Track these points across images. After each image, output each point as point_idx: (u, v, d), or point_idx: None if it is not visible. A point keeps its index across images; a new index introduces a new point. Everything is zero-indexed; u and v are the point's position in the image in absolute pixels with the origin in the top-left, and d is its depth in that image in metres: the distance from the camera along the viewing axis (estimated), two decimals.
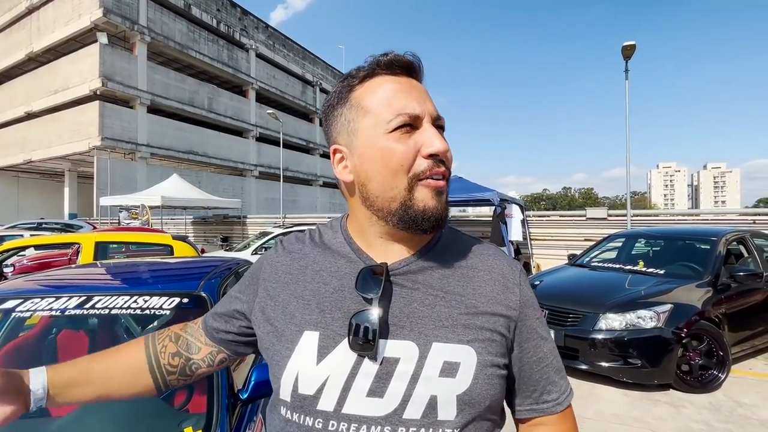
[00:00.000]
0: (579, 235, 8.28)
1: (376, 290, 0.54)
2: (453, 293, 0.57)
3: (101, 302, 1.61)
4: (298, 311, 0.58)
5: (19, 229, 10.62)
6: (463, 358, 0.53)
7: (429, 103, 0.57)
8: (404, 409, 0.51)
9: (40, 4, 20.49)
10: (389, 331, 0.54)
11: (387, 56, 0.57)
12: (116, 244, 4.29)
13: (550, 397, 0.60)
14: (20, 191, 24.17)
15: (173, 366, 0.69)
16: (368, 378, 0.52)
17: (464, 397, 0.52)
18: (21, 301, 1.60)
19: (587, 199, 77.48)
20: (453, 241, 0.64)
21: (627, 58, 8.12)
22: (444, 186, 0.56)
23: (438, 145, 0.54)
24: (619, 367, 3.22)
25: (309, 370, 0.53)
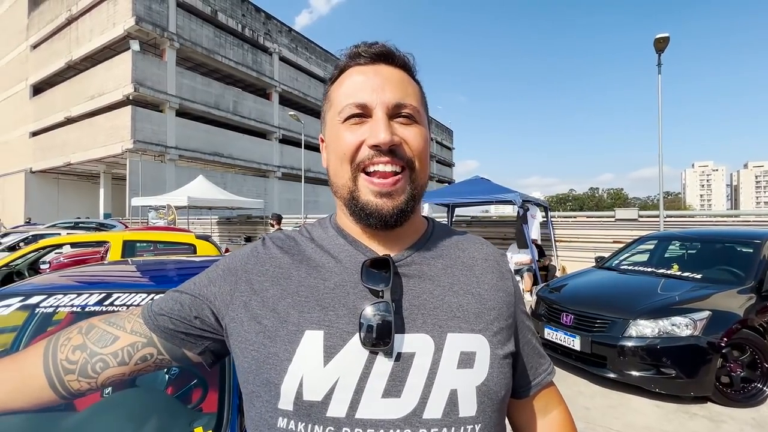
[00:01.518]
0: (607, 237, 7.94)
1: (385, 282, 0.51)
2: (459, 283, 0.57)
3: (120, 299, 1.63)
4: (294, 309, 0.52)
5: (58, 228, 11.19)
6: (477, 347, 0.52)
7: (389, 91, 0.54)
8: (424, 408, 0.48)
9: (79, 14, 21.58)
10: (402, 325, 0.51)
11: (357, 48, 0.57)
12: (142, 243, 4.44)
13: (542, 368, 0.64)
14: (60, 192, 25.52)
15: (72, 363, 0.55)
16: (383, 377, 0.48)
17: (483, 388, 0.51)
18: (45, 297, 1.64)
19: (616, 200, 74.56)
20: (447, 233, 0.65)
21: (660, 51, 7.74)
22: (391, 185, 0.53)
23: (380, 136, 0.51)
24: (651, 376, 3.03)
25: (315, 374, 0.48)
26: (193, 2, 21.26)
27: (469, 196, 7.76)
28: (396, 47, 0.58)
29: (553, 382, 0.67)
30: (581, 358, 3.40)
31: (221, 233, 15.31)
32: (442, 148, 52.22)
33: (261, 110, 25.72)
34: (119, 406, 1.48)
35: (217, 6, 22.67)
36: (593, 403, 3.11)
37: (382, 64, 0.56)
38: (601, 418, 2.88)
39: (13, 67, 26.34)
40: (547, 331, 3.70)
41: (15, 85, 26.09)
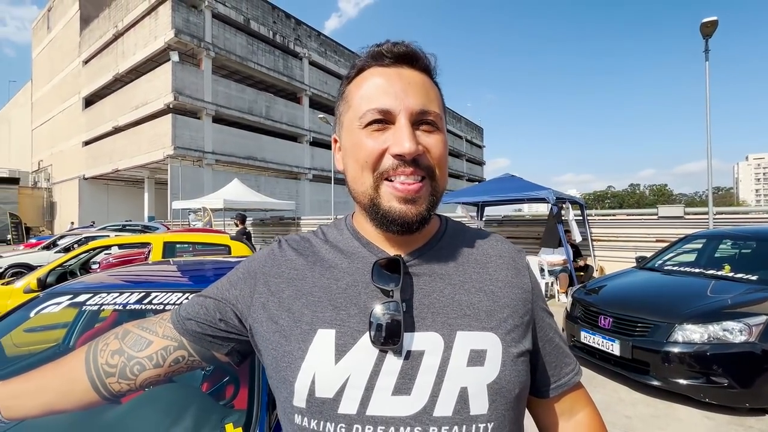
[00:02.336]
0: (649, 236, 7.50)
1: (395, 282, 0.52)
2: (471, 280, 0.56)
3: (157, 298, 1.71)
4: (308, 309, 0.54)
5: (107, 231, 11.98)
6: (488, 345, 0.51)
7: (413, 97, 0.52)
8: (434, 405, 0.48)
9: (124, 30, 23.02)
10: (413, 324, 0.51)
11: (379, 46, 0.54)
12: (181, 244, 4.66)
13: (568, 368, 0.61)
14: (109, 197, 27.33)
15: (112, 366, 0.60)
16: (393, 375, 0.48)
17: (494, 386, 0.50)
18: (91, 296, 1.76)
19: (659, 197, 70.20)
20: (460, 231, 0.64)
21: (707, 36, 7.22)
22: (415, 191, 0.51)
23: (405, 145, 0.49)
24: (701, 385, 2.83)
25: (327, 371, 0.49)
26: (227, 12, 22.13)
27: (499, 194, 7.57)
28: (421, 48, 0.55)
29: (581, 383, 0.64)
30: (621, 364, 3.22)
31: (255, 234, 15.82)
32: (472, 146, 51.38)
33: (292, 114, 26.36)
34: (157, 400, 1.55)
35: (250, 15, 23.46)
36: (635, 411, 2.94)
37: (405, 66, 0.54)
38: (643, 428, 2.72)
39: (67, 81, 28.49)
40: (583, 334, 3.54)
41: (69, 98, 28.19)
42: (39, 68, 32.91)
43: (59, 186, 28.86)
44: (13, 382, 0.61)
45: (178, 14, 20.07)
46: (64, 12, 28.71)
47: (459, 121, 47.73)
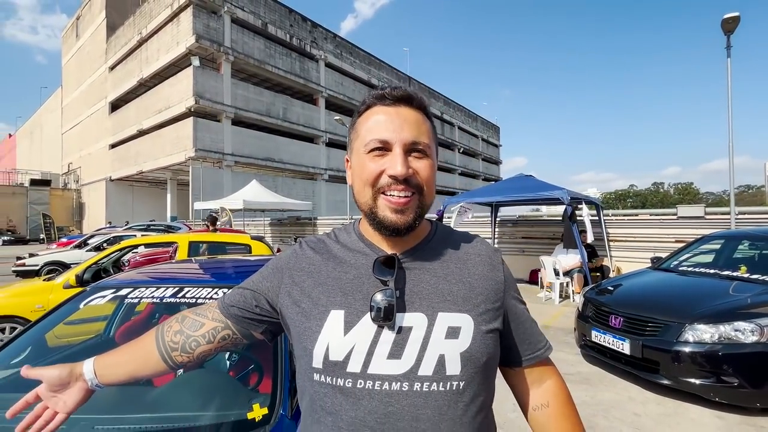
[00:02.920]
0: (668, 237, 7.38)
1: (391, 275, 0.66)
2: (452, 274, 0.70)
3: (190, 293, 1.89)
4: (323, 295, 0.69)
5: (133, 230, 12.49)
6: (463, 323, 0.65)
7: (407, 131, 0.66)
8: (419, 367, 0.62)
9: (148, 36, 23.84)
10: (404, 306, 0.65)
11: (382, 91, 0.68)
12: (205, 244, 4.91)
13: (540, 345, 0.76)
14: (134, 198, 28.32)
15: (175, 343, 0.77)
16: (387, 344, 0.63)
17: (466, 354, 0.63)
18: (131, 290, 1.95)
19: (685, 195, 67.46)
20: (448, 234, 0.78)
21: (729, 32, 7.06)
22: (404, 204, 0.66)
23: (398, 169, 0.64)
24: (711, 385, 2.85)
25: (338, 341, 0.64)
26: (245, 17, 22.65)
27: (513, 194, 7.58)
28: (415, 92, 0.69)
29: (550, 359, 0.78)
30: (631, 363, 3.26)
31: (273, 234, 16.17)
32: (488, 145, 50.91)
33: (308, 116, 26.75)
34: (190, 383, 1.73)
35: (267, 18, 23.94)
36: (645, 409, 2.98)
37: (403, 105, 0.68)
38: (653, 426, 2.76)
39: (95, 87, 29.68)
40: (594, 333, 3.58)
41: (97, 103, 29.37)
42: (68, 75, 34.38)
43: (87, 187, 30.09)
44: (105, 356, 0.80)
45: (198, 20, 20.67)
46: (91, 20, 29.92)
47: (475, 120, 47.34)
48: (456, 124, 42.36)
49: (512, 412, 2.76)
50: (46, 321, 1.93)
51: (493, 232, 9.72)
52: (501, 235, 9.77)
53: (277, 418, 1.36)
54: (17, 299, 4.06)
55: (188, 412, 1.44)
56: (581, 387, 3.37)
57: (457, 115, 42.88)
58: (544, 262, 7.23)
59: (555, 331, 5.07)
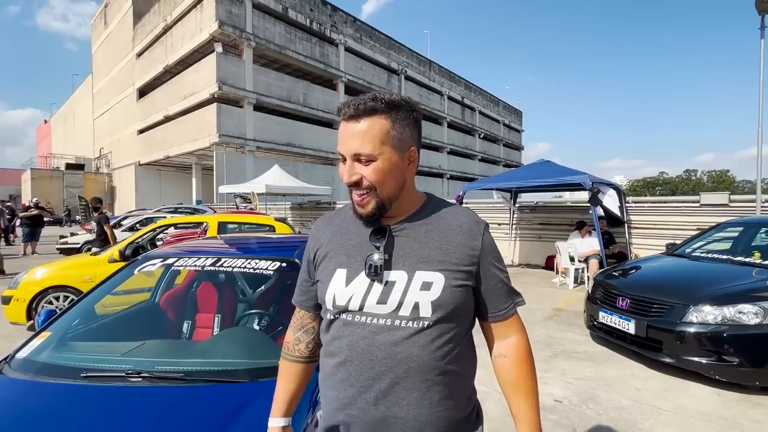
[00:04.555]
0: (690, 224, 7.28)
1: (382, 241, 0.88)
2: (432, 240, 0.88)
3: (227, 263, 2.15)
4: (333, 258, 0.93)
5: (162, 213, 13.13)
6: (435, 279, 0.84)
7: (353, 144, 0.83)
8: (399, 309, 0.84)
9: (173, 23, 24.31)
10: (390, 265, 0.86)
11: (340, 108, 0.86)
12: (232, 224, 5.25)
13: (505, 305, 0.92)
14: (162, 182, 29.38)
15: (312, 351, 1.02)
16: (377, 293, 0.86)
17: (435, 302, 0.83)
18: (176, 259, 2.23)
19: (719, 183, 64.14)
20: (437, 207, 0.95)
21: (763, 12, 6.77)
22: (360, 202, 0.86)
23: (345, 179, 0.85)
24: (712, 363, 2.97)
25: (341, 291, 0.88)
26: (266, 2, 22.74)
27: (532, 179, 7.60)
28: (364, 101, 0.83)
29: (517, 320, 0.93)
30: (636, 342, 3.39)
31: (294, 218, 16.61)
32: (509, 130, 49.80)
33: (328, 101, 26.87)
34: (233, 338, 2.01)
35: (288, 3, 23.96)
36: (646, 385, 3.13)
37: (351, 121, 0.83)
38: (651, 398, 2.92)
39: (123, 74, 30.61)
40: (601, 314, 3.71)
41: (125, 89, 30.33)
42: (98, 62, 35.51)
43: (118, 171, 31.39)
44: (278, 405, 1.02)
45: (221, 6, 20.92)
46: (119, 8, 30.65)
47: (496, 105, 46.27)
48: (477, 109, 41.57)
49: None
50: (105, 286, 2.24)
51: (511, 218, 9.76)
52: (519, 221, 9.78)
53: None
54: (70, 271, 4.51)
55: (229, 359, 1.70)
56: (587, 364, 3.54)
57: (478, 99, 42.03)
58: (559, 247, 7.29)
59: (567, 314, 5.20)
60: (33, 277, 4.37)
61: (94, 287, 2.24)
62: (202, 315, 2.40)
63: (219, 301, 2.48)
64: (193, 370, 1.56)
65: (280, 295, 2.49)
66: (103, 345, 1.95)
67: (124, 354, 1.75)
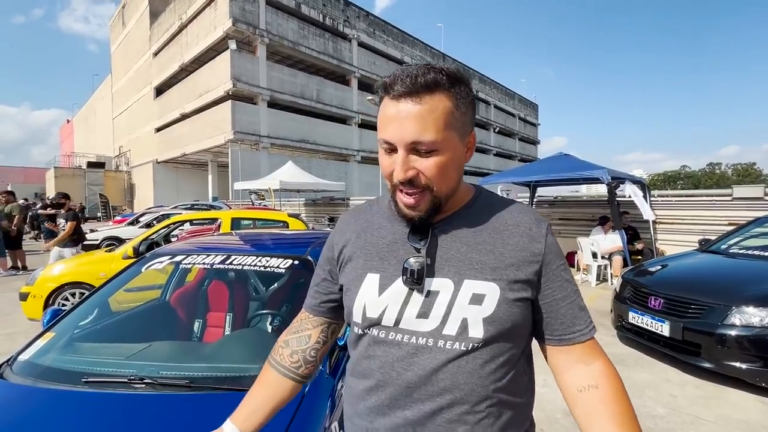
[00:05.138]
0: (721, 219, 6.90)
1: (424, 241, 0.72)
2: (484, 243, 0.72)
3: (237, 260, 2.05)
4: (362, 259, 0.77)
5: (179, 209, 13.30)
6: (488, 291, 0.68)
7: (408, 131, 0.63)
8: (443, 326, 0.69)
9: (188, 21, 24.55)
10: (433, 272, 0.71)
11: (389, 81, 0.66)
12: (246, 220, 5.20)
13: (576, 328, 0.72)
14: (179, 179, 29.87)
15: (295, 362, 0.84)
16: (417, 305, 0.70)
17: (488, 319, 0.67)
18: (185, 256, 2.14)
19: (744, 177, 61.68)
20: (489, 202, 0.78)
21: None
22: (413, 204, 0.68)
23: (399, 175, 0.66)
24: (758, 369, 2.74)
25: (373, 301, 0.73)
26: None
27: (551, 173, 7.35)
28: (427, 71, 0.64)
29: (595, 341, 0.73)
30: (670, 345, 3.17)
31: (307, 214, 16.62)
32: (525, 124, 48.86)
33: (341, 97, 26.78)
34: (240, 340, 1.91)
35: None
36: (682, 391, 2.92)
37: (405, 100, 0.64)
38: (688, 406, 2.71)
39: (140, 73, 31.15)
40: (631, 314, 3.50)
41: (143, 88, 30.86)
42: (117, 62, 36.23)
43: (137, 169, 32.05)
44: (238, 412, 0.81)
45: (235, 3, 20.98)
46: (136, 8, 31.15)
47: (512, 98, 45.41)
48: (492, 103, 40.85)
49: (542, 386, 2.80)
50: (112, 284, 2.16)
51: None
52: None
53: (317, 372, 1.49)
54: (85, 268, 4.53)
55: (240, 363, 1.60)
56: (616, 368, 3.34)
57: (492, 93, 41.29)
58: (581, 243, 7.02)
59: (591, 313, 4.97)
60: (50, 273, 4.40)
61: (100, 286, 2.17)
62: (213, 314, 2.31)
63: (230, 300, 2.38)
64: (199, 376, 1.46)
65: (293, 294, 2.39)
66: (109, 347, 1.87)
67: (129, 357, 1.66)
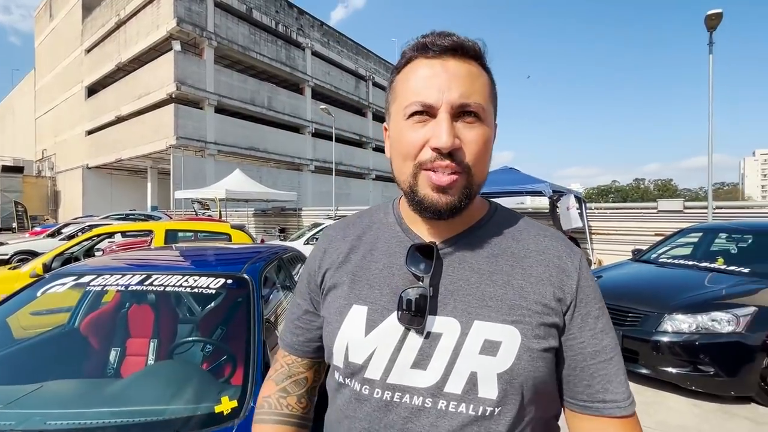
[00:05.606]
0: (648, 230, 7.53)
1: (426, 267, 0.56)
2: (500, 272, 0.56)
3: (158, 280, 1.78)
4: (348, 286, 0.61)
5: (111, 220, 12.10)
6: (505, 338, 0.52)
7: (455, 89, 0.51)
8: (445, 382, 0.52)
9: (126, 18, 22.91)
10: (435, 308, 0.55)
11: (425, 38, 0.54)
12: (183, 232, 4.74)
13: (609, 396, 0.54)
14: (113, 186, 27.45)
15: (305, 407, 0.70)
16: (413, 351, 0.54)
17: (505, 376, 0.51)
18: (94, 277, 1.82)
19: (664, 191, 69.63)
20: (508, 221, 0.62)
21: (711, 29, 7.16)
22: (447, 184, 0.53)
23: (443, 139, 0.51)
24: (688, 374, 2.89)
25: (358, 341, 0.57)
26: (229, 1, 21.97)
27: (495, 186, 7.60)
28: (467, 38, 0.54)
29: (635, 417, 0.55)
30: None
31: (257, 225, 15.92)
32: None
33: (294, 105, 26.28)
34: (158, 375, 1.63)
35: (252, 4, 23.28)
36: None
37: (451, 57, 0.53)
38: None
39: (70, 70, 28.45)
40: None
41: (72, 87, 28.18)
42: (42, 57, 32.85)
43: (63, 175, 29.01)
44: None
45: (180, 3, 19.94)
46: (66, 0, 28.57)
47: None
48: None
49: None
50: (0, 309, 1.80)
51: None
52: None
53: (247, 411, 1.29)
54: None
55: (152, 405, 1.34)
56: None
57: None
58: None
59: None
60: None
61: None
62: (134, 340, 2.01)
63: (155, 324, 2.09)
64: (94, 426, 1.19)
65: (228, 316, 2.14)
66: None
67: (7, 404, 1.34)
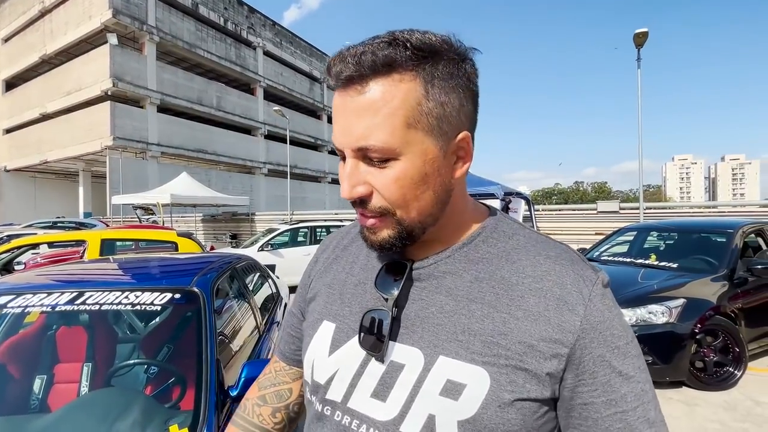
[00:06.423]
0: (590, 229, 8.12)
1: (395, 289, 0.51)
2: (482, 301, 0.47)
3: (92, 298, 1.59)
4: (323, 299, 0.59)
5: (35, 228, 10.86)
6: (470, 380, 0.44)
7: (354, 131, 0.44)
8: (402, 420, 0.47)
9: (52, 6, 20.85)
10: (399, 334, 0.50)
11: (332, 61, 0.46)
12: (122, 242, 4.34)
13: None
14: (37, 191, 24.75)
15: (279, 423, 0.64)
16: (374, 378, 0.50)
17: (467, 426, 0.43)
18: (13, 297, 1.59)
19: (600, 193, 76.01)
20: (504, 236, 0.52)
21: (639, 46, 7.88)
22: (371, 225, 0.48)
23: (343, 190, 0.47)
24: None
25: (322, 361, 0.54)
26: None
27: None
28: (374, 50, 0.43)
29: None
30: None
31: (206, 231, 15.10)
32: None
33: (245, 106, 25.34)
34: (93, 405, 1.45)
35: None
36: None
37: (352, 87, 0.44)
38: None
39: None
40: None
41: None
42: None
43: None
44: None
45: None
46: None
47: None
48: None
49: None
50: None
51: None
52: None
53: None
54: None
55: None
56: None
57: None
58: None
59: None
60: None
61: None
62: (64, 366, 1.78)
63: (90, 346, 1.87)
64: None
65: (175, 335, 1.96)
66: None
67: None
